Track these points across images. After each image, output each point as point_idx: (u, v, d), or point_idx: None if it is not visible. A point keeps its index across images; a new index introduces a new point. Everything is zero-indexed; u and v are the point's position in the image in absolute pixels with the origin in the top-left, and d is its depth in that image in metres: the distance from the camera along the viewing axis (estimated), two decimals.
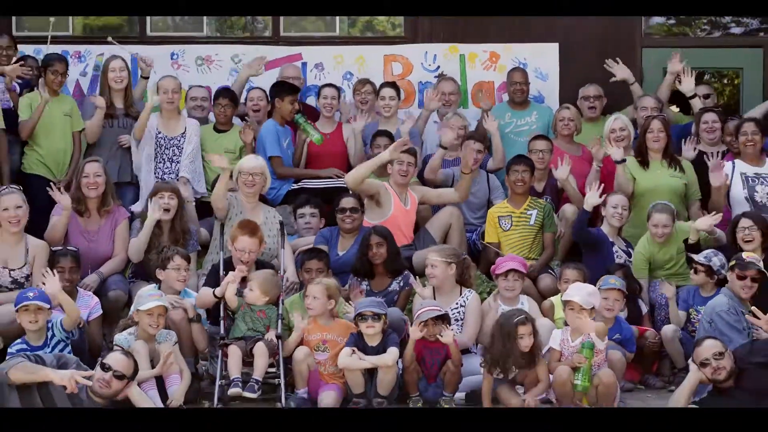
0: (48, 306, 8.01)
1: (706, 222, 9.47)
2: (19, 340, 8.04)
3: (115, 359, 7.38)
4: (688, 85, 11.42)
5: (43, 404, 7.14)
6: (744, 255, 8.71)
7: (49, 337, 8.04)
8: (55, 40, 12.13)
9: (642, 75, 12.67)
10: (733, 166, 10.19)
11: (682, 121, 11.76)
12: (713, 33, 13.73)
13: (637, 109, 11.41)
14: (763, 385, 7.65)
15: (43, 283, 8.26)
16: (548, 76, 12.68)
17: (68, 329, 8.16)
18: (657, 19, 13.49)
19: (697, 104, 11.34)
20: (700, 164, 10.54)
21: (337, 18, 13.50)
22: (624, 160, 10.29)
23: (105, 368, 7.29)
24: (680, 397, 7.82)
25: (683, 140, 10.89)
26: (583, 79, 12.08)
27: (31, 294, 8.04)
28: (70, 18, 13.05)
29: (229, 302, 8.38)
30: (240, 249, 8.91)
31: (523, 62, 12.55)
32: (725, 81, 13.91)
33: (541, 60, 12.68)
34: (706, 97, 11.72)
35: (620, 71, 11.84)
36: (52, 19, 11.96)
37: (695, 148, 10.76)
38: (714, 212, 9.64)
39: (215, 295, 8.50)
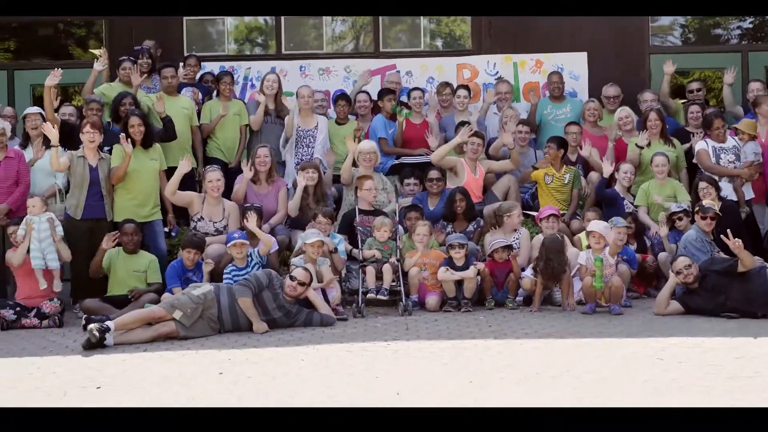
0: (248, 242, 11.19)
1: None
2: (230, 265, 11.13)
3: (298, 272, 10.38)
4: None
5: (260, 307, 10.17)
6: (704, 203, 11.56)
7: (249, 262, 11.13)
8: (215, 58, 15.35)
9: (650, 75, 15.36)
10: (707, 143, 12.94)
11: (680, 110, 14.40)
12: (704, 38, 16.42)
13: (640, 102, 14.08)
14: (717, 285, 10.57)
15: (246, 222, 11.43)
16: (579, 77, 15.23)
17: (263, 255, 11.29)
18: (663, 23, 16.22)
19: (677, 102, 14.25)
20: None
21: (422, 35, 15.99)
22: (644, 147, 13.01)
23: (292, 278, 10.33)
24: (663, 295, 10.77)
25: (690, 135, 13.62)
26: (605, 78, 14.61)
27: (237, 234, 11.21)
28: (226, 43, 16.00)
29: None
30: (366, 189, 12.12)
31: (560, 67, 15.08)
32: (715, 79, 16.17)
33: (574, 65, 15.22)
34: (699, 90, 14.39)
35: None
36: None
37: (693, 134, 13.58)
38: None
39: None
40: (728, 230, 10.74)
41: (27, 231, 11.14)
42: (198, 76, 14.43)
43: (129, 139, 11.80)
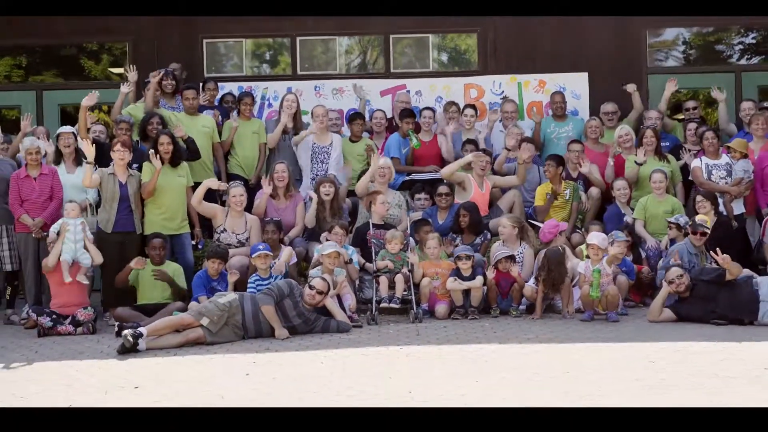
0: (271, 253, 11.90)
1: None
2: (254, 275, 11.83)
3: (317, 282, 11.12)
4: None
5: (281, 314, 10.87)
6: (697, 218, 12.27)
7: (272, 273, 11.84)
8: (233, 79, 16.08)
9: (648, 93, 16.06)
10: (701, 160, 13.71)
11: (677, 127, 15.21)
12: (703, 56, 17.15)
13: (644, 118, 14.78)
14: (706, 294, 11.32)
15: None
16: (581, 96, 15.89)
17: (284, 262, 12.00)
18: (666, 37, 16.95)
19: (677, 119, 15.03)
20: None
21: (431, 57, 16.80)
22: (643, 163, 13.72)
23: (311, 287, 11.07)
24: (656, 303, 11.51)
25: (680, 151, 14.41)
26: (605, 97, 15.27)
27: (261, 247, 11.93)
28: (243, 64, 16.81)
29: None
30: (380, 203, 12.85)
31: (563, 86, 15.71)
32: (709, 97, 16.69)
33: (576, 84, 15.87)
34: (695, 108, 15.18)
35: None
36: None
37: (686, 151, 14.32)
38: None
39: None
40: (717, 248, 11.43)
41: (61, 231, 11.92)
42: (218, 97, 15.11)
43: (158, 156, 12.56)
